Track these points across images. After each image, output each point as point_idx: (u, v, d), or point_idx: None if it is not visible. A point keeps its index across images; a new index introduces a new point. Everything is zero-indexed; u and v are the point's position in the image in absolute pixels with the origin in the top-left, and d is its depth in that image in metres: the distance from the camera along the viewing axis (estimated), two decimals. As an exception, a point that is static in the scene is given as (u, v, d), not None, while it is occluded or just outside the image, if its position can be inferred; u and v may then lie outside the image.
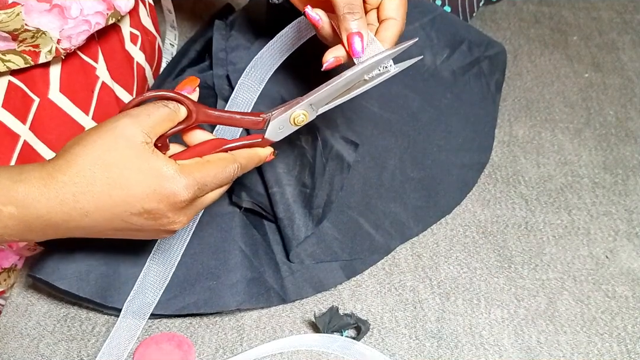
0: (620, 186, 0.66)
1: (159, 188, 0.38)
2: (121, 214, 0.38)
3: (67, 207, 0.37)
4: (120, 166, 0.37)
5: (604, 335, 0.54)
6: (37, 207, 0.37)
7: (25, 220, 0.37)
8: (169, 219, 0.39)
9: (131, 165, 0.38)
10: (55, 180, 0.37)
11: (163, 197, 0.38)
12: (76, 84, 0.55)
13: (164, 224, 0.40)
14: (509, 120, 0.73)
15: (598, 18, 0.88)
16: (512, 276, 0.58)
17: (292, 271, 0.56)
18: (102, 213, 0.38)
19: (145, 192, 0.38)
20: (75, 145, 0.38)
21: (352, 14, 0.43)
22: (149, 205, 0.38)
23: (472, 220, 0.63)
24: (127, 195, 0.38)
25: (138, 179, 0.38)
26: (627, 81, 0.78)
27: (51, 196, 0.37)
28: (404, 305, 0.56)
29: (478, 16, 0.87)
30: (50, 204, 0.37)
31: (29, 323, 0.55)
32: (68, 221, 0.38)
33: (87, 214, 0.38)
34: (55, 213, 0.37)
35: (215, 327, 0.54)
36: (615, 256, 0.60)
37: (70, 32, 0.50)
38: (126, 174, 0.37)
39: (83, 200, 0.37)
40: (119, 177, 0.37)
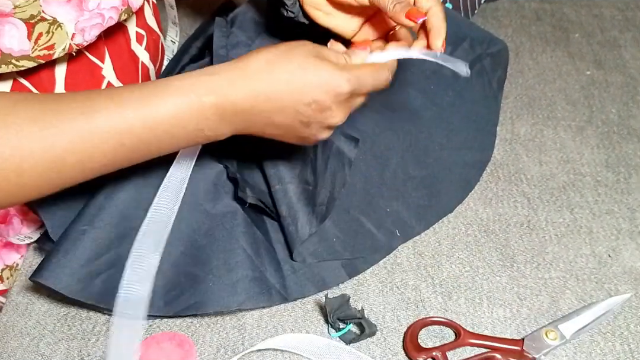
0: (622, 184, 0.66)
1: (328, 81, 0.43)
2: (295, 102, 0.44)
3: (254, 93, 0.43)
4: (299, 61, 0.43)
5: (606, 335, 0.54)
6: (232, 94, 0.43)
7: (222, 108, 0.43)
8: (331, 111, 0.44)
9: (307, 62, 0.44)
10: (245, 70, 0.43)
11: (330, 89, 0.43)
12: (82, 83, 0.55)
13: (326, 117, 0.45)
14: (511, 118, 0.73)
15: (600, 15, 0.88)
16: (515, 275, 0.58)
17: (294, 270, 0.55)
18: (280, 99, 0.43)
19: (317, 84, 0.43)
20: (258, 50, 0.44)
21: (400, 4, 0.47)
22: (318, 95, 0.43)
23: (474, 219, 0.62)
24: (303, 85, 0.43)
25: (313, 73, 0.43)
26: (629, 79, 0.78)
27: (243, 83, 0.43)
28: (406, 304, 0.56)
29: (479, 13, 0.87)
30: (242, 90, 0.43)
31: (29, 322, 0.54)
32: (254, 105, 0.43)
33: (269, 99, 0.43)
34: (246, 97, 0.43)
35: (217, 326, 0.54)
36: (617, 255, 0.60)
37: (84, 25, 0.50)
38: (303, 66, 0.43)
39: (266, 85, 0.43)
40: (297, 69, 0.43)
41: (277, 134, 0.47)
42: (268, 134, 0.47)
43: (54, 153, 0.39)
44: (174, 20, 0.73)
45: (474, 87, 0.69)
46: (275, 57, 0.44)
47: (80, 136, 0.40)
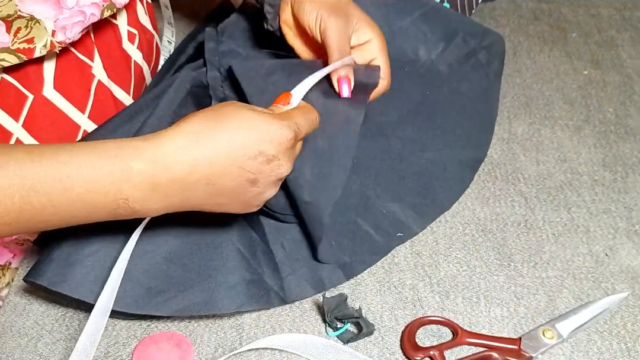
0: (619, 184, 0.66)
1: (269, 130, 0.42)
2: (240, 160, 0.41)
3: (192, 156, 0.40)
4: (234, 118, 0.41)
5: (603, 333, 0.54)
6: (164, 160, 0.39)
7: (153, 175, 0.39)
8: (279, 161, 0.43)
9: (243, 117, 0.42)
10: (178, 134, 0.40)
11: (274, 138, 0.42)
12: (71, 81, 0.54)
13: (273, 168, 0.43)
14: (508, 118, 0.73)
15: (597, 15, 0.88)
16: (512, 274, 0.58)
17: (292, 271, 0.55)
18: (224, 160, 0.41)
19: (259, 136, 0.41)
20: (187, 117, 0.42)
21: (342, 61, 0.50)
22: (262, 146, 0.41)
23: (472, 218, 0.62)
24: (245, 140, 0.41)
25: (252, 126, 0.41)
26: (626, 78, 0.78)
27: (177, 148, 0.40)
28: (404, 303, 0.56)
29: (477, 13, 0.87)
30: (176, 155, 0.39)
31: (27, 322, 0.54)
32: (193, 172, 0.40)
33: (210, 161, 0.40)
34: (182, 163, 0.40)
35: (214, 325, 0.54)
36: (614, 254, 0.60)
37: (64, 23, 0.49)
38: (241, 123, 0.41)
39: (204, 146, 0.40)
40: (235, 127, 0.41)
41: (220, 203, 0.43)
42: (208, 207, 0.44)
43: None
44: (170, 20, 0.73)
45: (471, 81, 0.69)
46: (211, 117, 0.41)
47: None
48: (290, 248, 0.57)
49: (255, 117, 0.42)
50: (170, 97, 0.57)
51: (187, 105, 0.58)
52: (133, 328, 0.54)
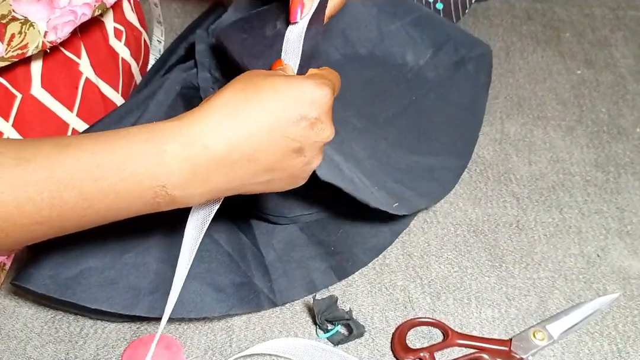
0: (612, 184, 0.66)
1: (306, 92, 0.39)
2: (282, 126, 0.38)
3: (230, 130, 0.37)
4: (267, 84, 0.38)
5: (594, 334, 0.54)
6: (202, 139, 0.36)
7: (191, 157, 0.36)
8: (322, 124, 0.40)
9: (276, 82, 0.39)
10: (211, 109, 0.37)
11: (313, 100, 0.39)
12: (58, 79, 0.54)
13: (318, 132, 0.40)
14: (500, 118, 0.73)
15: (591, 15, 0.88)
16: (503, 275, 0.58)
17: (282, 273, 0.55)
18: (265, 129, 0.37)
19: (297, 100, 0.38)
20: (217, 92, 0.39)
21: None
22: (303, 110, 0.39)
23: (463, 219, 0.62)
24: (283, 106, 0.38)
25: (287, 90, 0.38)
26: (619, 78, 0.78)
27: (212, 124, 0.36)
28: (395, 305, 0.56)
29: (470, 13, 0.87)
30: (212, 131, 0.36)
31: (16, 325, 0.54)
32: (233, 148, 0.37)
33: (251, 133, 0.37)
34: (219, 139, 0.36)
35: (204, 328, 0.54)
36: (606, 254, 0.60)
37: (56, 22, 0.49)
38: (275, 88, 0.38)
39: (242, 118, 0.37)
40: (269, 91, 0.38)
41: (266, 180, 0.40)
42: (253, 187, 0.40)
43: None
44: (159, 19, 0.72)
45: (458, 90, 0.68)
46: (241, 88, 0.39)
47: (11, 185, 0.33)
48: (281, 250, 0.57)
49: (289, 82, 0.39)
50: (160, 99, 0.57)
51: (177, 107, 0.58)
52: (122, 330, 0.54)
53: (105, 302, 0.51)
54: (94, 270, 0.51)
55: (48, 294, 0.50)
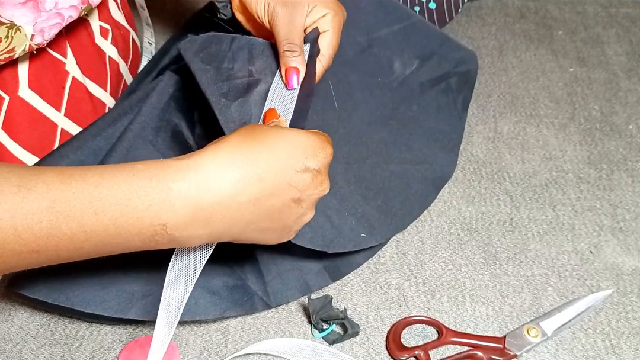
0: (604, 181, 0.66)
1: (312, 145, 0.40)
2: (288, 174, 0.39)
3: (240, 172, 0.37)
4: (274, 133, 0.39)
5: (588, 331, 0.54)
6: (209, 180, 0.36)
7: (196, 198, 0.35)
8: (321, 176, 0.41)
9: (282, 132, 0.40)
10: (220, 150, 0.37)
11: (317, 153, 0.40)
12: (45, 80, 0.54)
13: (317, 185, 0.41)
14: (494, 117, 0.73)
15: (583, 12, 0.89)
16: (497, 273, 0.58)
17: (276, 275, 0.55)
18: (272, 175, 0.38)
19: (304, 150, 0.40)
20: (216, 141, 0.39)
21: (291, 52, 0.49)
22: (308, 161, 0.40)
23: (457, 217, 0.63)
24: (291, 154, 0.39)
25: (294, 140, 0.40)
26: (612, 75, 0.78)
27: (223, 163, 0.36)
28: (389, 303, 0.56)
29: (464, 12, 0.87)
30: (223, 173, 0.36)
31: (11, 328, 0.54)
32: (241, 192, 0.37)
33: (260, 178, 0.37)
34: (229, 182, 0.36)
35: (200, 329, 0.54)
36: (599, 251, 0.60)
37: (42, 25, 0.49)
38: (282, 136, 0.39)
39: (253, 163, 0.37)
40: (277, 139, 0.39)
41: (262, 228, 0.40)
42: (248, 235, 0.40)
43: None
44: (147, 21, 0.72)
45: (439, 104, 0.68)
46: (247, 139, 0.38)
47: (11, 212, 0.33)
48: (275, 251, 0.57)
49: (295, 133, 0.40)
50: (153, 102, 0.57)
51: (170, 110, 0.58)
52: (118, 332, 0.54)
53: (99, 306, 0.51)
54: (88, 274, 0.51)
55: (42, 300, 0.50)
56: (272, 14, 0.50)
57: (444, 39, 0.70)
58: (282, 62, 0.51)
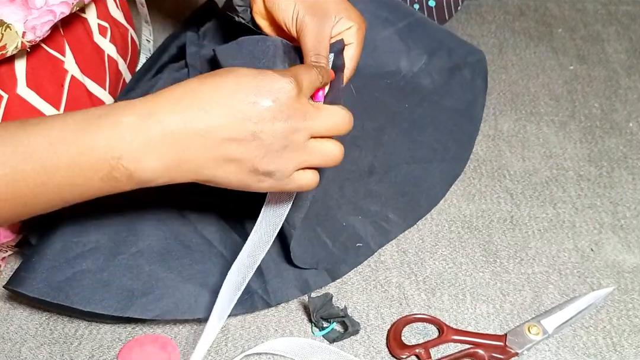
0: (605, 179, 0.66)
1: (265, 79, 0.39)
2: (237, 106, 0.38)
3: (185, 107, 0.38)
4: (228, 72, 0.39)
5: (589, 328, 0.54)
6: (157, 112, 0.37)
7: (145, 129, 0.37)
8: (282, 114, 0.39)
9: (237, 71, 0.40)
10: (172, 91, 0.39)
11: (270, 89, 0.39)
12: (43, 78, 0.54)
13: (276, 121, 0.39)
14: (494, 114, 0.73)
15: (583, 10, 0.88)
16: (498, 271, 0.58)
17: (276, 273, 0.55)
18: (218, 108, 0.38)
19: (254, 83, 0.39)
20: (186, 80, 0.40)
21: (318, 64, 0.48)
22: (258, 94, 0.39)
23: (458, 215, 0.62)
24: (238, 87, 0.38)
25: (246, 76, 0.39)
26: (612, 73, 0.78)
27: (169, 101, 0.38)
28: (390, 301, 0.56)
29: (463, 10, 0.87)
30: (168, 107, 0.38)
31: (10, 327, 0.54)
32: (186, 124, 0.37)
33: (204, 110, 0.38)
34: (174, 114, 0.37)
35: (200, 327, 0.54)
36: (600, 249, 0.60)
37: (34, 23, 0.49)
38: (234, 75, 0.39)
39: (198, 98, 0.38)
40: (229, 78, 0.39)
41: (220, 163, 0.39)
42: (208, 173, 0.40)
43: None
44: (146, 19, 0.72)
45: (453, 96, 0.68)
46: (203, 76, 0.40)
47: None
48: (275, 251, 0.56)
49: (249, 71, 0.40)
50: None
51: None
52: (117, 331, 0.54)
53: (98, 305, 0.50)
54: (87, 272, 0.51)
55: (41, 298, 0.50)
56: (301, 24, 0.50)
57: (448, 32, 0.70)
58: None
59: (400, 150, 0.63)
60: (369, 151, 0.62)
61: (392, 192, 0.61)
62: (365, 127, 0.63)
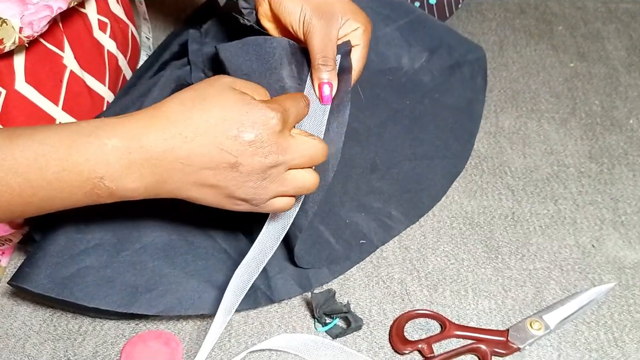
0: (605, 175, 0.66)
1: (250, 112, 0.40)
2: (218, 138, 0.39)
3: (168, 134, 0.39)
4: (215, 98, 0.40)
5: (590, 324, 0.54)
6: (140, 137, 0.39)
7: (128, 153, 0.38)
8: (263, 145, 0.40)
9: (225, 98, 0.41)
10: (156, 113, 0.40)
11: (255, 121, 0.40)
12: (42, 73, 0.54)
13: (256, 152, 0.40)
14: (495, 111, 0.73)
15: (583, 7, 0.89)
16: (499, 267, 0.58)
17: (279, 270, 0.55)
18: (200, 138, 0.39)
19: (239, 117, 0.40)
20: (173, 95, 0.42)
21: (325, 66, 0.49)
22: (241, 128, 0.40)
23: (459, 212, 0.63)
24: (223, 118, 0.40)
25: (232, 107, 0.40)
26: (612, 70, 0.79)
27: (153, 126, 0.39)
28: (392, 297, 0.56)
29: (464, 7, 0.87)
30: (152, 133, 0.39)
31: (14, 323, 0.54)
32: (167, 152, 0.39)
33: (186, 138, 0.39)
34: (157, 141, 0.39)
35: (203, 323, 0.54)
36: (601, 245, 0.60)
37: (30, 18, 0.49)
38: (221, 103, 0.40)
39: (182, 125, 0.39)
40: (215, 106, 0.40)
41: (199, 187, 0.41)
42: (186, 194, 0.42)
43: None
44: (145, 16, 0.72)
45: (454, 94, 0.68)
46: (190, 98, 0.41)
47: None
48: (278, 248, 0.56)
49: (237, 98, 0.40)
50: (155, 96, 0.57)
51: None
52: (121, 327, 0.54)
53: (102, 301, 0.51)
54: (91, 268, 0.51)
55: (45, 294, 0.50)
56: (309, 26, 0.49)
57: (448, 30, 0.70)
58: (316, 76, 0.50)
59: (402, 147, 0.63)
60: (371, 148, 0.62)
61: (395, 189, 0.61)
62: (368, 123, 0.63)
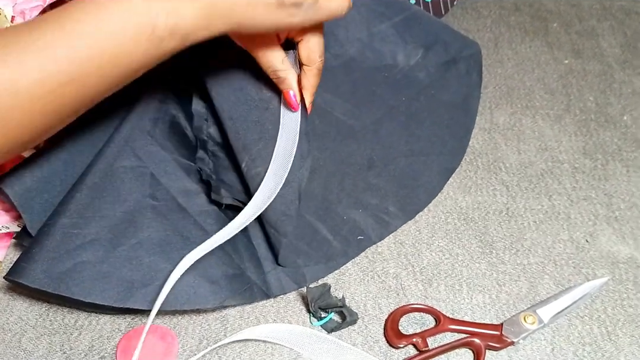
0: (600, 171, 0.67)
1: None
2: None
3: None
4: None
5: (584, 318, 0.55)
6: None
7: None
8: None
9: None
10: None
11: None
12: None
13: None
14: (489, 108, 0.73)
15: (578, 5, 0.89)
16: (494, 262, 0.59)
17: (274, 266, 0.56)
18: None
19: None
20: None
21: (277, 78, 0.50)
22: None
23: (454, 207, 0.63)
24: None
25: None
26: (606, 67, 0.79)
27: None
28: (387, 292, 0.56)
29: (459, 4, 0.88)
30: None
31: (10, 318, 0.54)
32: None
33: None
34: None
35: (199, 318, 0.54)
36: (595, 240, 0.60)
37: (23, 7, 0.49)
38: None
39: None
40: None
41: (259, 10, 0.41)
42: (249, 16, 0.41)
43: None
44: None
45: (449, 90, 0.68)
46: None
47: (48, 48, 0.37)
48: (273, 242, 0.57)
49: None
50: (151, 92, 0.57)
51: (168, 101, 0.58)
52: (117, 322, 0.54)
53: (98, 295, 0.51)
54: (87, 263, 0.51)
55: (42, 289, 0.50)
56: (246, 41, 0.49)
57: (444, 26, 0.70)
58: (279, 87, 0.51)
59: (398, 143, 0.64)
60: (368, 145, 0.62)
61: (392, 185, 0.62)
62: (363, 120, 0.63)
